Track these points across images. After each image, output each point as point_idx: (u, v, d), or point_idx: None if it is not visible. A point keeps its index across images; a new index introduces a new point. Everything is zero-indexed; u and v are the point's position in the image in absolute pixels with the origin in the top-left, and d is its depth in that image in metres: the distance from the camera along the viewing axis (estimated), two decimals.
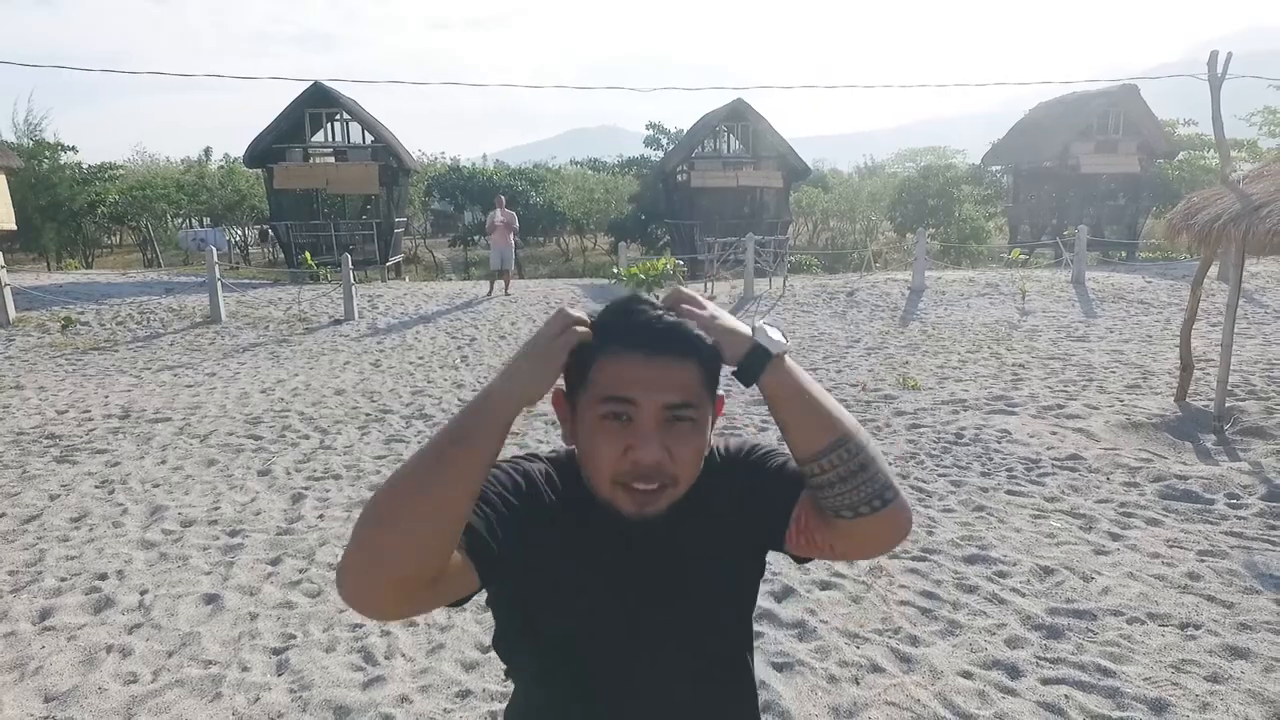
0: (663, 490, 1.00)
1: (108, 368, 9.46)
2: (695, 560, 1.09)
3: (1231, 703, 2.80)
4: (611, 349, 0.98)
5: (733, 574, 1.13)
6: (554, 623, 1.07)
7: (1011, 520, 4.53)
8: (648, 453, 0.97)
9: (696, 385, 1.00)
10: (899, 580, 3.82)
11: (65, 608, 3.65)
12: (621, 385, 0.97)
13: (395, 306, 13.37)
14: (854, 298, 13.42)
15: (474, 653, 3.25)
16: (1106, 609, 3.47)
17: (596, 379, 0.99)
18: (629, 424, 0.98)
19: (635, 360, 0.97)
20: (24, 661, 3.20)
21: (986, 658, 3.12)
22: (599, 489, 1.03)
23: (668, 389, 0.97)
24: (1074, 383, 7.88)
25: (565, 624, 1.07)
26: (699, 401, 1.00)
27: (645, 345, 0.97)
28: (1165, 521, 4.45)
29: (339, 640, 3.35)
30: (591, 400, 0.99)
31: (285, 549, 4.30)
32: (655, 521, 1.03)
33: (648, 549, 1.07)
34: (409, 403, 7.64)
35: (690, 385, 0.99)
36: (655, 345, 0.98)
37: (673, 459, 0.98)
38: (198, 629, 3.46)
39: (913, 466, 5.51)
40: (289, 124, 19.23)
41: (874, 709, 2.82)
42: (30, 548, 4.34)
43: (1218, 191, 6.16)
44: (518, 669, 1.16)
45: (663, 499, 1.01)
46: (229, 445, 6.29)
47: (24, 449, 6.24)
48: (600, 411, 0.98)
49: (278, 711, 2.87)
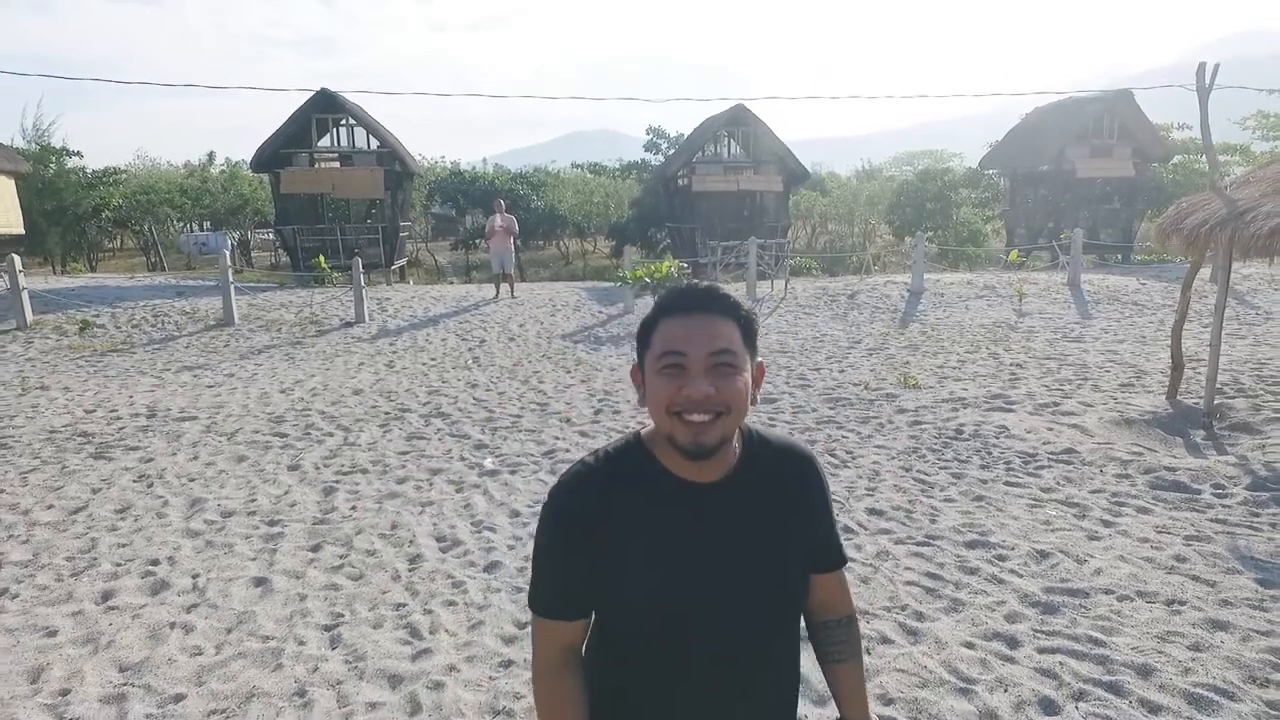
0: (717, 419, 1.18)
1: (128, 369, 9.70)
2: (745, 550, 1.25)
3: (1211, 668, 3.05)
4: (665, 316, 1.23)
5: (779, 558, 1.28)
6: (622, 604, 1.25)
7: (1009, 509, 4.79)
8: (697, 389, 1.17)
9: (735, 338, 1.21)
10: (905, 563, 4.08)
11: (125, 589, 3.90)
12: (674, 342, 1.19)
13: (404, 309, 13.61)
14: (855, 300, 13.69)
15: (512, 628, 3.50)
16: (1098, 588, 3.73)
17: (655, 342, 1.23)
18: (682, 371, 1.19)
19: (684, 320, 1.20)
20: (95, 637, 3.45)
21: (987, 630, 3.38)
22: (660, 426, 1.23)
23: (711, 339, 1.19)
24: (1069, 381, 8.15)
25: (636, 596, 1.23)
26: (739, 351, 1.21)
27: (691, 307, 1.22)
28: (1154, 510, 4.71)
29: (385, 618, 3.60)
30: (653, 359, 1.22)
31: (324, 537, 4.55)
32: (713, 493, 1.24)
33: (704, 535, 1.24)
34: (426, 402, 7.89)
35: (730, 337, 1.20)
36: (699, 306, 1.22)
37: (719, 393, 1.17)
38: (251, 608, 3.70)
39: (915, 460, 5.77)
40: (296, 129, 19.49)
41: (885, 675, 3.07)
42: (82, 536, 4.58)
43: (1206, 197, 6.43)
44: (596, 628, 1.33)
45: (716, 428, 1.18)
46: (256, 442, 6.54)
47: (59, 446, 6.48)
48: (659, 366, 1.20)
49: (337, 679, 3.11)
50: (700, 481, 1.25)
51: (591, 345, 10.83)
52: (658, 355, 1.21)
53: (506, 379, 8.88)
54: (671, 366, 1.19)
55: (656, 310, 1.25)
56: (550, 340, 11.18)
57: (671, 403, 1.19)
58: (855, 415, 7.05)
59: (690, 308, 1.21)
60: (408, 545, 4.43)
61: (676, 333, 1.20)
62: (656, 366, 1.21)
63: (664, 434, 1.23)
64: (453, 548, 4.39)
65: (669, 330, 1.21)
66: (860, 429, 6.62)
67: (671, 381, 1.19)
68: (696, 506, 1.24)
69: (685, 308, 1.22)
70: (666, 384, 1.19)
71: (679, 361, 1.19)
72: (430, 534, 4.58)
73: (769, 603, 1.28)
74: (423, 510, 4.96)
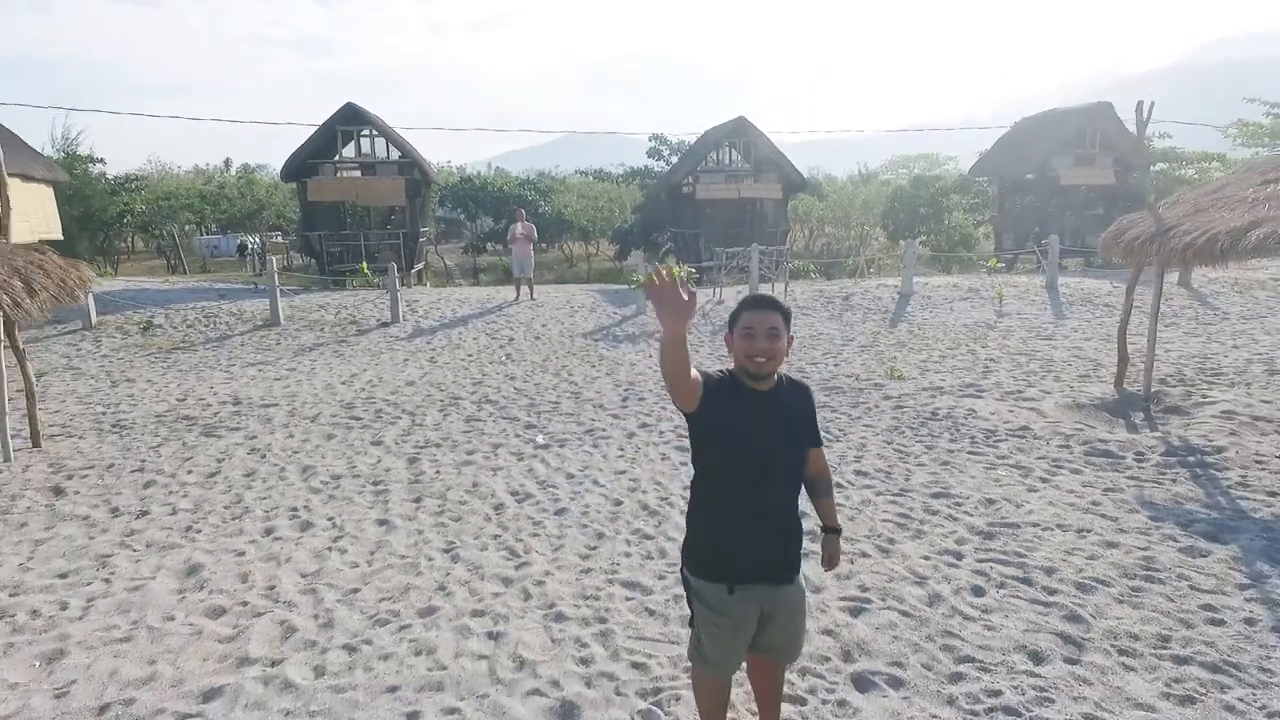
0: (769, 362, 2.37)
1: (197, 364, 10.84)
2: (779, 427, 2.45)
3: (1098, 569, 4.22)
4: (744, 309, 2.41)
5: (797, 435, 2.50)
6: (718, 437, 2.43)
7: (969, 471, 5.95)
8: (759, 348, 2.35)
9: (780, 321, 2.38)
10: (882, 508, 5.24)
11: (280, 528, 5.05)
12: (749, 321, 2.37)
13: (434, 311, 14.75)
14: (849, 302, 14.85)
15: (586, 551, 4.65)
16: (1028, 523, 4.90)
17: (739, 321, 2.40)
18: (752, 336, 2.36)
19: (754, 312, 2.38)
20: (274, 556, 4.60)
21: (940, 549, 4.54)
22: (739, 365, 2.41)
23: (767, 321, 2.37)
24: (1035, 373, 9.32)
25: (723, 439, 2.42)
26: (781, 328, 2.37)
27: (758, 305, 2.40)
28: (1084, 471, 5.88)
29: (488, 544, 4.75)
30: (738, 330, 2.40)
31: (421, 493, 5.70)
32: (765, 394, 2.42)
33: (761, 409, 2.44)
34: (473, 391, 9.04)
35: (776, 321, 2.37)
36: (761, 305, 2.40)
37: (770, 348, 2.36)
38: (384, 539, 4.86)
39: (895, 436, 6.94)
40: (322, 141, 20.64)
41: (864, 574, 4.23)
42: (227, 492, 5.74)
43: (1143, 215, 7.60)
44: (699, 462, 2.52)
45: (768, 368, 2.37)
46: (338, 424, 7.69)
47: (170, 427, 7.63)
48: (741, 333, 2.38)
49: (464, 580, 4.27)
50: (759, 390, 2.43)
51: (611, 343, 11.98)
52: (741, 328, 2.39)
53: (540, 372, 10.03)
54: (747, 334, 2.37)
55: (740, 306, 2.43)
56: (573, 339, 12.33)
57: (747, 353, 2.37)
58: (846, 401, 8.21)
59: (758, 305, 2.40)
60: (490, 498, 5.58)
61: (750, 318, 2.38)
62: (739, 333, 2.39)
63: (740, 367, 2.42)
64: (526, 499, 5.54)
65: (747, 317, 2.39)
66: (850, 412, 7.79)
67: (747, 342, 2.37)
68: (756, 401, 2.43)
69: (755, 305, 2.40)
70: (745, 343, 2.37)
71: (751, 332, 2.37)
72: (506, 490, 5.74)
73: (783, 444, 2.46)
74: (495, 473, 6.12)
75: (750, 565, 2.43)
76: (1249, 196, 6.88)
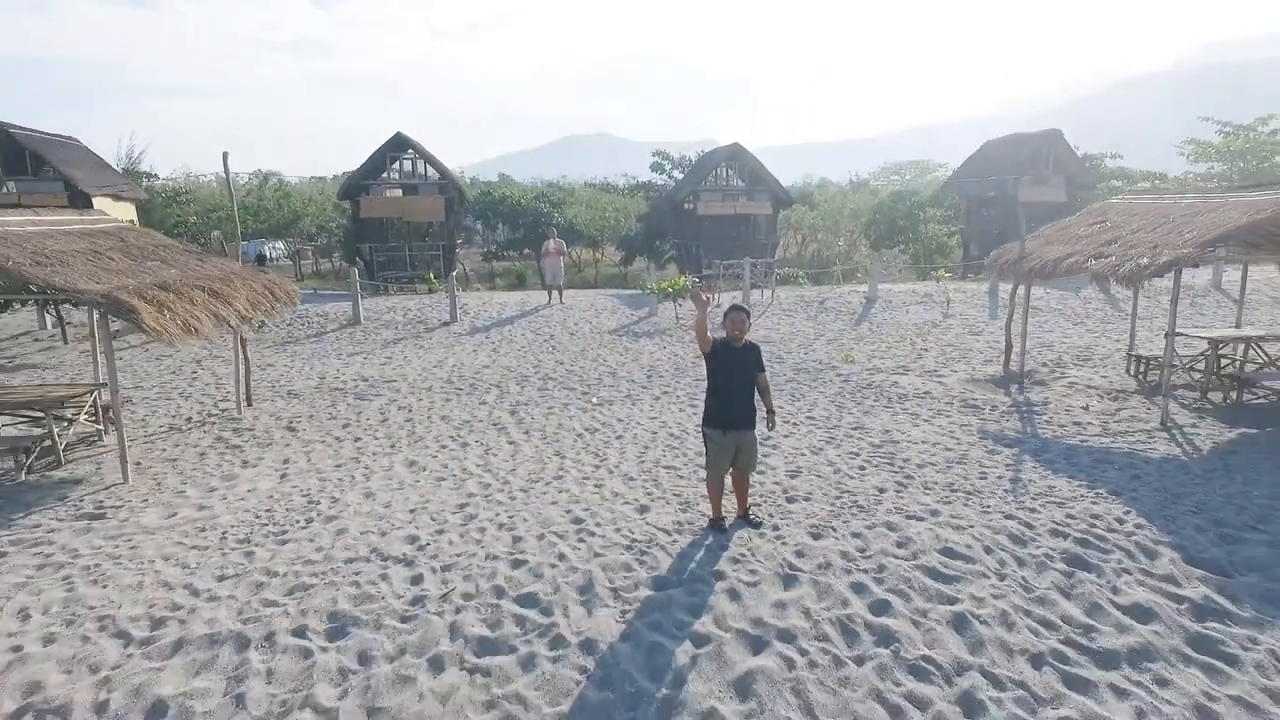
0: (740, 336, 5.65)
1: (311, 354, 13.99)
2: (745, 363, 5.69)
3: (934, 460, 7.39)
4: (730, 312, 5.73)
5: (752, 367, 5.73)
6: (718, 367, 5.66)
7: (880, 416, 9.14)
8: (736, 332, 5.64)
9: (746, 318, 5.74)
10: (819, 434, 8.42)
11: (449, 446, 8.23)
12: (732, 317, 5.69)
13: (482, 312, 17.91)
14: (824, 305, 18.05)
15: (639, 453, 7.82)
16: (910, 441, 8.07)
17: (728, 317, 5.70)
18: (733, 325, 5.64)
19: (735, 313, 5.69)
20: (455, 458, 7.78)
21: (848, 451, 7.72)
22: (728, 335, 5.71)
23: (740, 318, 5.67)
24: (953, 358, 12.51)
25: (720, 367, 5.66)
26: (746, 321, 5.71)
27: (736, 310, 5.72)
28: (954, 416, 9.07)
29: (581, 451, 7.93)
30: (726, 322, 5.70)
31: (528, 428, 8.88)
32: (737, 349, 5.67)
33: (737, 357, 5.69)
34: (535, 371, 12.21)
35: (745, 318, 5.72)
36: (737, 310, 5.72)
37: (741, 331, 5.64)
38: (517, 450, 8.03)
39: (839, 398, 10.11)
40: (373, 165, 23.81)
41: (800, 462, 7.40)
42: (401, 429, 8.91)
43: (1014, 245, 10.78)
44: (710, 378, 5.75)
45: (739, 338, 5.66)
46: (448, 393, 10.85)
47: (329, 395, 10.79)
48: (727, 324, 5.68)
49: (571, 466, 7.44)
50: (735, 347, 5.71)
51: (632, 338, 15.15)
52: (728, 321, 5.70)
53: (580, 359, 13.21)
54: (730, 324, 5.69)
55: (728, 310, 5.71)
56: (601, 335, 15.51)
57: (730, 331, 5.67)
58: (809, 378, 11.40)
59: (736, 310, 5.71)
60: (573, 431, 8.76)
61: (733, 315, 5.69)
62: (727, 324, 5.70)
63: (728, 336, 5.71)
64: (595, 431, 8.73)
65: (731, 315, 5.69)
66: (811, 384, 10.98)
67: (730, 327, 5.68)
68: (734, 351, 5.71)
69: (735, 310, 5.71)
70: (729, 328, 5.68)
71: (732, 323, 5.68)
72: (582, 427, 8.92)
73: (750, 375, 5.73)
74: (571, 418, 9.30)
75: (731, 420, 5.65)
76: (1080, 234, 10.07)
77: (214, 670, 4.24)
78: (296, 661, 4.30)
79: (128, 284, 7.01)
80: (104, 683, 4.12)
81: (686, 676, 4.12)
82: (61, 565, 5.51)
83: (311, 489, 7.00)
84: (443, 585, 5.11)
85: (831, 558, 5.36)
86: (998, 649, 4.32)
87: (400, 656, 4.32)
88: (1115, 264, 8.38)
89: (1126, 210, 10.23)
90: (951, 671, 4.14)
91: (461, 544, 5.74)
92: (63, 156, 22.67)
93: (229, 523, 6.25)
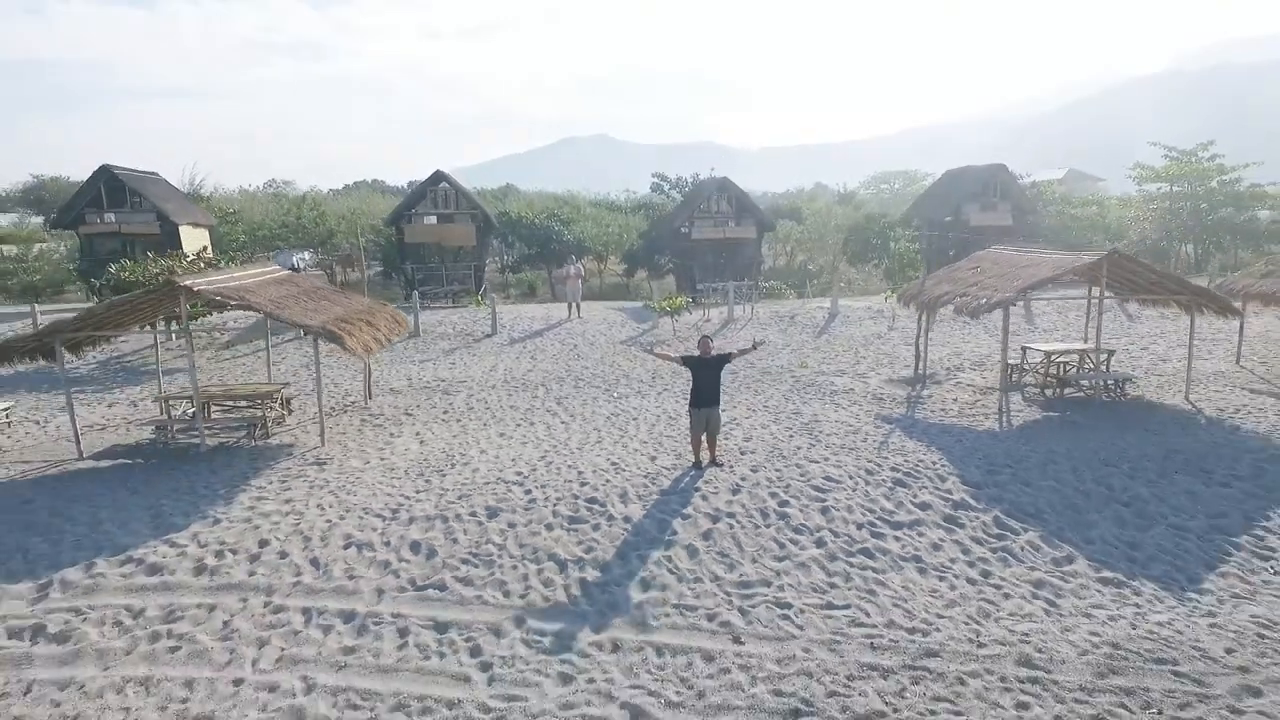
0: (708, 353, 9.80)
1: (390, 361, 18.07)
2: (710, 367, 9.83)
3: (839, 429, 11.50)
4: (701, 340, 9.91)
5: (716, 369, 9.87)
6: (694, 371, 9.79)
7: (813, 405, 13.24)
8: (702, 351, 9.79)
9: (710, 344, 9.89)
10: (767, 417, 12.52)
11: (523, 424, 12.34)
12: (701, 344, 9.87)
13: (515, 325, 22.00)
14: (794, 320, 22.15)
15: (650, 432, 11.93)
16: (829, 421, 12.17)
17: (700, 343, 9.86)
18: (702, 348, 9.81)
19: (704, 341, 9.86)
20: (529, 431, 11.88)
21: (786, 427, 11.82)
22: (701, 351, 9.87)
23: (708, 345, 9.85)
24: (881, 364, 16.62)
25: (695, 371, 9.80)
26: (711, 343, 9.87)
27: (704, 339, 9.89)
28: (862, 405, 13.17)
29: (609, 427, 12.04)
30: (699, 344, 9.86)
31: (574, 413, 12.98)
32: (706, 359, 9.82)
33: (705, 364, 9.83)
34: (568, 374, 16.30)
35: (710, 344, 9.89)
36: (705, 339, 9.90)
37: (709, 351, 9.79)
38: (567, 429, 12.13)
39: (789, 393, 14.21)
40: (415, 196, 27.95)
41: (754, 436, 11.50)
42: (484, 413, 13.01)
43: (917, 281, 14.87)
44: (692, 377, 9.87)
45: (711, 352, 9.82)
46: (509, 389, 14.95)
47: (422, 391, 14.89)
48: (700, 345, 9.84)
49: (604, 437, 11.54)
50: (706, 358, 9.88)
51: (640, 348, 19.25)
52: (700, 344, 9.86)
53: (601, 365, 17.30)
54: (700, 346, 9.88)
55: (700, 339, 9.87)
56: (615, 345, 19.61)
57: (700, 351, 9.86)
58: (771, 379, 15.52)
59: (704, 339, 9.90)
60: (603, 414, 12.87)
61: (702, 343, 9.87)
62: (700, 345, 9.85)
63: (701, 351, 9.88)
64: (617, 416, 12.83)
65: (701, 341, 9.88)
66: (771, 384, 15.09)
67: (701, 348, 9.87)
68: (704, 361, 9.90)
69: (704, 339, 9.86)
70: (700, 348, 9.88)
71: (702, 346, 9.86)
72: (609, 412, 13.03)
73: (717, 372, 9.93)
74: (601, 406, 13.41)
75: (703, 401, 9.84)
76: (960, 276, 14.18)
77: (434, 530, 8.33)
78: (476, 527, 8.40)
79: (326, 318, 11.11)
80: (382, 534, 8.22)
81: (678, 531, 8.23)
82: (321, 485, 9.62)
83: (446, 448, 11.10)
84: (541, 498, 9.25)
85: (760, 480, 9.47)
86: (840, 521, 8.43)
87: (529, 524, 8.42)
88: (969, 300, 12.48)
89: (994, 260, 14.34)
90: (813, 529, 8.26)
91: (547, 475, 9.83)
92: (154, 191, 26.80)
93: (404, 466, 10.35)
